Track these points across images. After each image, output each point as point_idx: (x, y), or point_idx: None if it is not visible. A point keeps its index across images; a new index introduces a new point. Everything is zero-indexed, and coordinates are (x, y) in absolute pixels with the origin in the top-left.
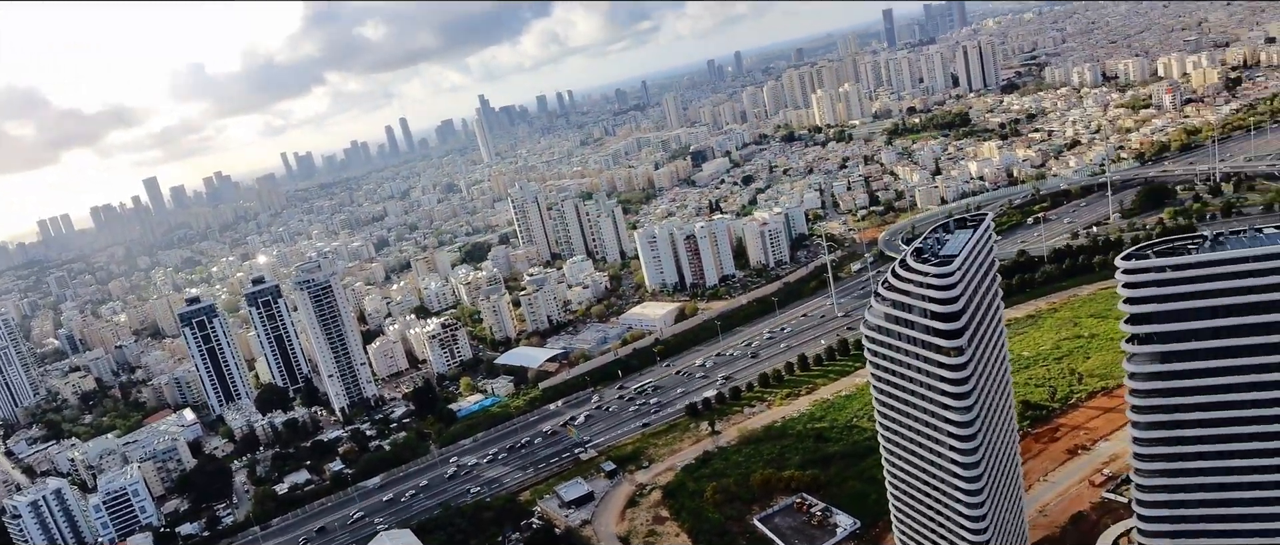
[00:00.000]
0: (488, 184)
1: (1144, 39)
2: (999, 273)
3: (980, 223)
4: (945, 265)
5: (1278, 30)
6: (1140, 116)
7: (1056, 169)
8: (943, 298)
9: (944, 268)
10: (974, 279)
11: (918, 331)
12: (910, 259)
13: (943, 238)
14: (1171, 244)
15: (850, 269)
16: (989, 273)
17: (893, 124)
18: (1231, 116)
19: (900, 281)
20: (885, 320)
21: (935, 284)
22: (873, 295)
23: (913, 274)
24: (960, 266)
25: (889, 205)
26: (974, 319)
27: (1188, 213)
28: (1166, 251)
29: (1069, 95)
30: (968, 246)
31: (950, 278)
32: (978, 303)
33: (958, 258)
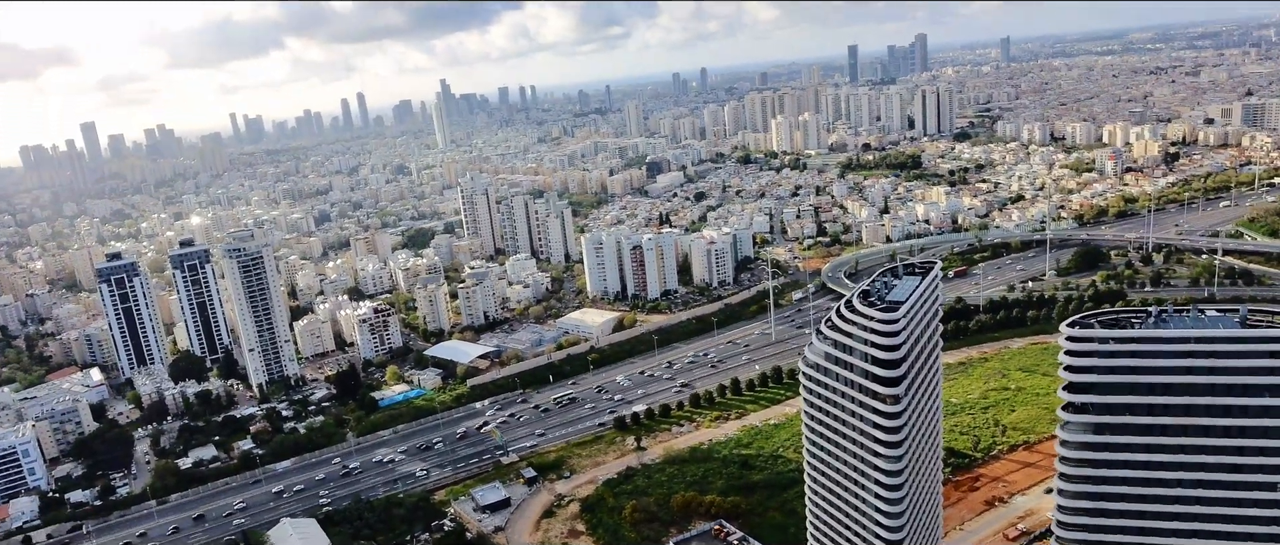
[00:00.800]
0: (440, 170)
1: (1092, 105)
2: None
3: (929, 271)
4: (891, 311)
5: (1216, 112)
6: (1082, 179)
7: (999, 220)
8: (885, 344)
9: (889, 315)
10: (917, 328)
11: (856, 375)
12: (856, 301)
13: (890, 282)
14: (1116, 316)
15: (791, 297)
16: (932, 323)
17: (847, 158)
18: (1167, 189)
19: (844, 322)
20: (824, 359)
21: (879, 330)
22: (814, 331)
23: (857, 317)
24: (906, 315)
25: (836, 238)
26: (913, 368)
27: (1119, 277)
28: (1111, 323)
29: (1018, 150)
30: (915, 294)
31: (895, 325)
32: (918, 352)
33: (904, 305)
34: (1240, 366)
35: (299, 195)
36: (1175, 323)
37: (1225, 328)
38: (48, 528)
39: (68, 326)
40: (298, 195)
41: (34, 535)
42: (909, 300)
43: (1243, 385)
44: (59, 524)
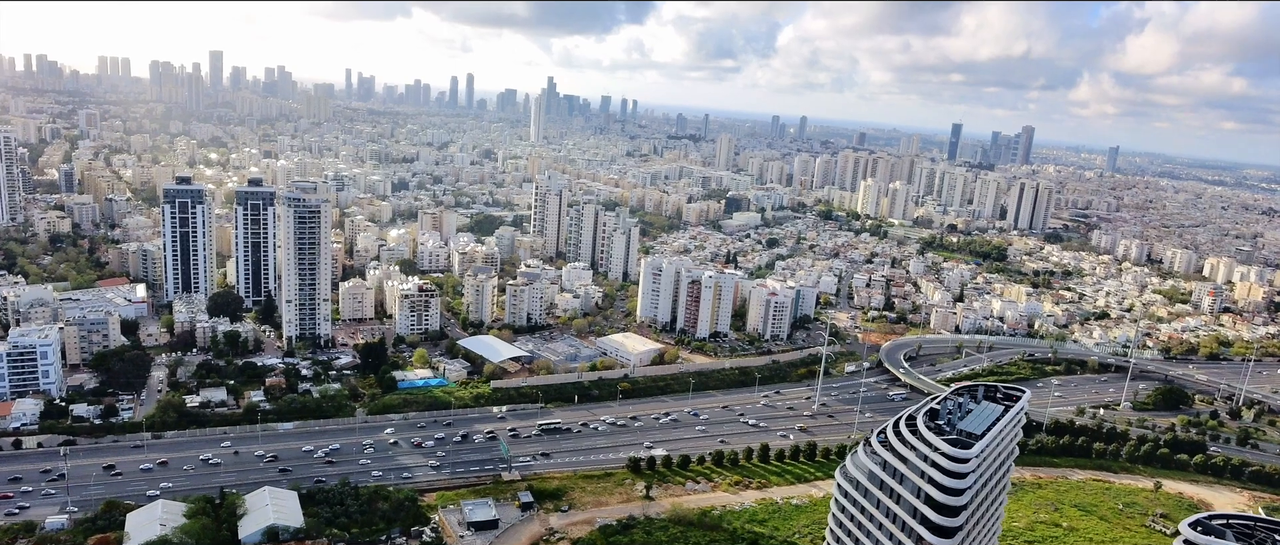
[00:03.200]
0: (525, 162)
1: (1196, 234)
2: None
3: (1015, 402)
4: (963, 448)
5: None
6: (1175, 310)
7: (1079, 335)
8: (949, 485)
9: (961, 453)
10: (989, 470)
11: (903, 509)
12: (921, 421)
13: (966, 405)
14: (1251, 526)
15: (844, 367)
16: (1006, 464)
17: (930, 235)
18: (1267, 340)
19: (902, 443)
20: (869, 478)
21: (945, 467)
22: (862, 443)
23: (920, 443)
24: (980, 456)
25: (902, 315)
26: (974, 517)
27: (1202, 425)
28: (1245, 534)
29: (1110, 264)
30: (995, 431)
31: (965, 466)
32: (984, 498)
33: (980, 443)
34: None
35: (385, 158)
36: None
37: None
38: (42, 435)
39: (132, 237)
40: (384, 158)
41: (25, 440)
42: (987, 437)
43: None
44: (54, 434)
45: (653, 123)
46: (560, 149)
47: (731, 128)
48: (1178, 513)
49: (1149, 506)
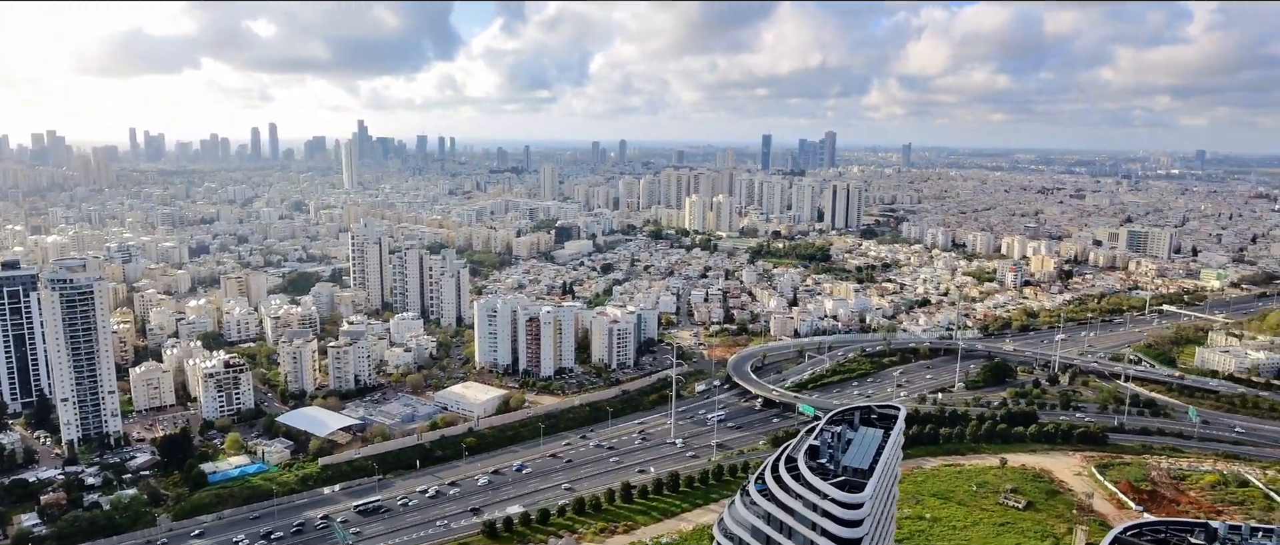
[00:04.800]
0: (340, 211)
1: (989, 216)
2: None
3: (893, 422)
4: (854, 490)
5: (1103, 235)
6: (984, 289)
7: (906, 324)
8: (845, 536)
9: (853, 498)
10: (881, 508)
11: None
12: (804, 464)
13: (845, 436)
14: (1170, 531)
15: (694, 388)
16: (892, 491)
17: (758, 243)
18: (1064, 307)
19: (786, 493)
20: (752, 535)
21: (838, 516)
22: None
23: (806, 491)
24: (873, 495)
25: (743, 326)
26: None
27: (1029, 396)
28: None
29: (922, 253)
30: (882, 462)
31: (859, 512)
32: (878, 534)
33: (871, 483)
34: None
35: (181, 222)
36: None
37: None
38: None
39: None
40: (179, 222)
41: None
42: (876, 472)
43: None
44: None
45: (473, 159)
46: (377, 194)
47: (553, 157)
48: (1025, 485)
49: (999, 483)
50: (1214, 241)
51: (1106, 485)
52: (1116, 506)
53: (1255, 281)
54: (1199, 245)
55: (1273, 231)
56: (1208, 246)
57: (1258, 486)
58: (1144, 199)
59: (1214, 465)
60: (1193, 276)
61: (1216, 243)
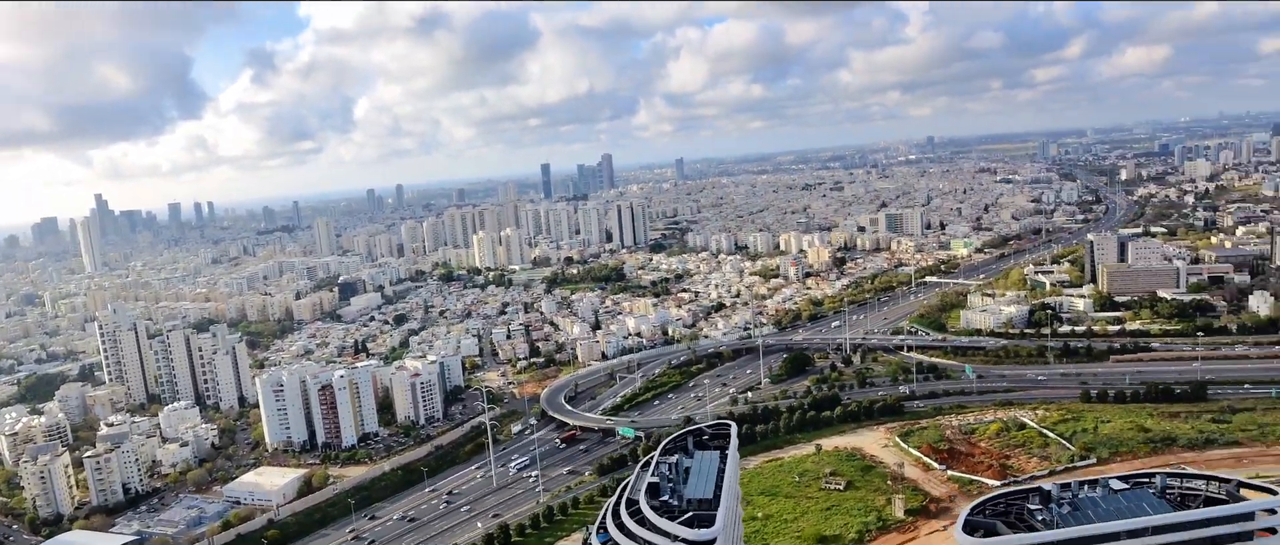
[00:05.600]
0: (83, 299)
1: (764, 217)
2: None
3: (727, 441)
4: (704, 525)
5: (866, 221)
6: (772, 285)
7: (707, 330)
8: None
9: (704, 534)
10: (730, 531)
11: None
12: (646, 505)
13: (682, 466)
14: (1008, 503)
15: (510, 429)
16: (737, 512)
17: (552, 272)
18: (844, 292)
19: (633, 541)
20: None
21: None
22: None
23: (656, 535)
24: (723, 524)
25: (550, 358)
26: None
27: (829, 381)
28: (1013, 517)
29: (709, 260)
30: (725, 489)
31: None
32: None
33: (719, 516)
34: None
35: None
36: (1089, 506)
37: (1154, 509)
38: None
39: None
40: None
41: None
42: (722, 503)
43: None
44: None
45: (236, 222)
46: (128, 274)
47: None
48: (841, 466)
49: (818, 469)
50: (956, 215)
51: (911, 451)
52: (923, 469)
53: (994, 245)
54: (944, 219)
55: (1000, 200)
56: (951, 220)
57: (1033, 427)
58: (893, 184)
59: (995, 414)
60: (944, 248)
61: (958, 215)
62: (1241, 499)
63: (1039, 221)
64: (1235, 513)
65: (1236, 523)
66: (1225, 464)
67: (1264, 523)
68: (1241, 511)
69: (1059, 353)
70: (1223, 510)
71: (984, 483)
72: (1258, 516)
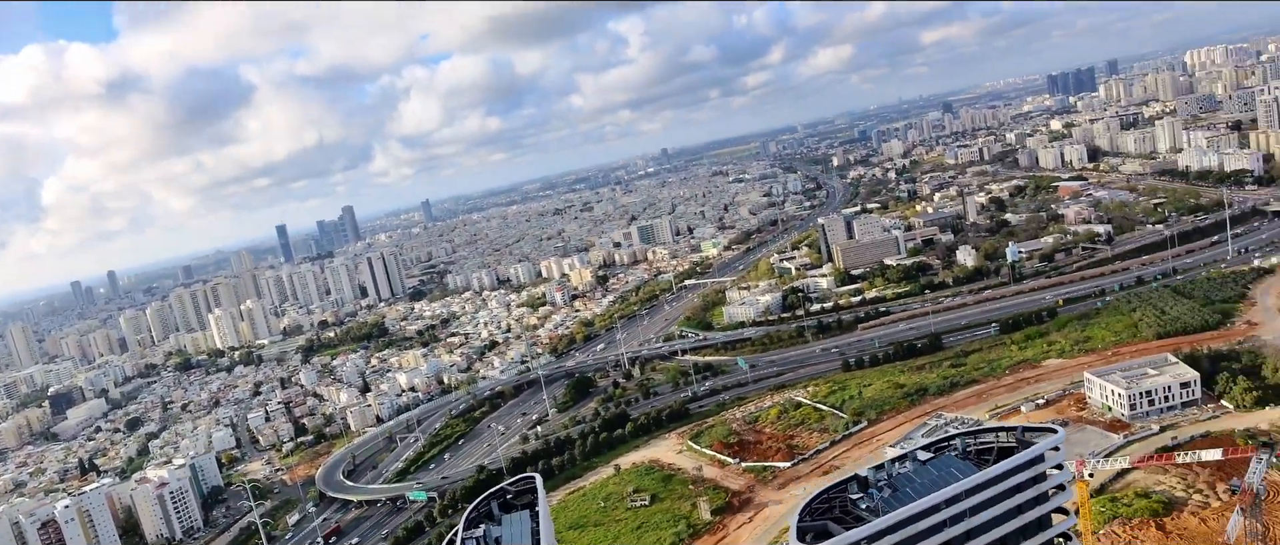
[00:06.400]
0: None
1: (521, 247)
2: None
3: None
4: None
5: (620, 236)
6: (541, 314)
7: (483, 371)
8: None
9: None
10: None
11: None
12: None
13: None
14: (830, 501)
15: (286, 522)
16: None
17: (307, 339)
18: (612, 308)
19: None
20: None
21: None
22: None
23: None
24: None
25: (320, 434)
26: None
27: (614, 399)
28: (840, 513)
29: (474, 299)
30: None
31: None
32: None
33: None
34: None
35: None
36: (905, 484)
37: (962, 473)
38: None
39: None
40: None
41: None
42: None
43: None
44: None
45: None
46: None
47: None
48: (643, 481)
49: (621, 490)
50: (701, 218)
51: (705, 452)
52: (719, 467)
53: (739, 241)
54: (691, 224)
55: (736, 198)
56: (697, 223)
57: (808, 404)
58: (638, 198)
59: (773, 399)
60: (696, 250)
61: (702, 218)
62: (1030, 443)
63: (774, 213)
64: (1029, 458)
65: (1032, 466)
66: (970, 402)
67: (1052, 460)
68: (1034, 455)
69: (815, 330)
70: (1019, 459)
71: (777, 467)
72: (1047, 456)
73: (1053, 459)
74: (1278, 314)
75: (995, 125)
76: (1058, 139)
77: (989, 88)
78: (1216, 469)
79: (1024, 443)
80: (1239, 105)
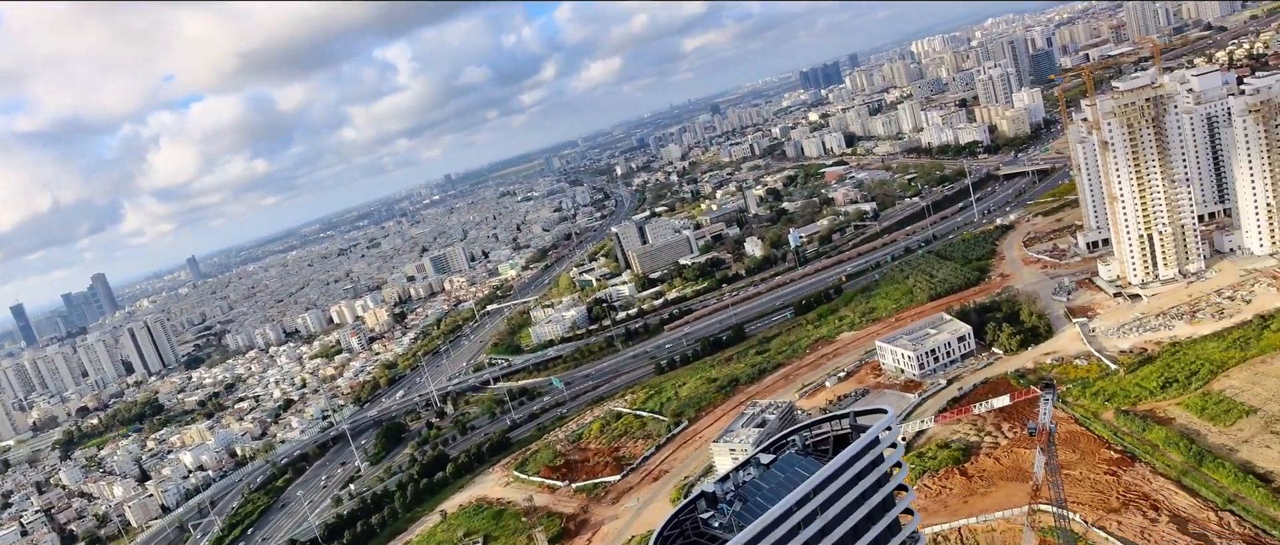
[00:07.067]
0: None
1: (308, 294)
2: None
3: None
4: None
5: (413, 270)
6: (338, 363)
7: (281, 434)
8: None
9: None
10: None
11: None
12: None
13: None
14: (681, 522)
15: None
16: None
17: (63, 432)
18: (416, 346)
19: None
20: None
21: None
22: None
23: None
24: None
25: (93, 537)
26: None
27: (429, 441)
28: (695, 535)
29: (260, 358)
30: None
31: None
32: None
33: None
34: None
35: None
36: (754, 492)
37: (806, 471)
38: None
39: None
40: None
41: None
42: None
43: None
44: None
45: None
46: None
47: None
48: (473, 523)
49: (451, 537)
50: (494, 240)
51: (533, 480)
52: (550, 493)
53: (536, 259)
54: (485, 247)
55: (528, 217)
56: (492, 246)
57: (628, 412)
58: (427, 228)
59: (593, 413)
60: (494, 274)
61: (496, 241)
62: (864, 428)
63: (567, 227)
64: (867, 443)
65: (871, 450)
66: (779, 385)
67: (887, 440)
68: (870, 439)
69: (624, 338)
70: (858, 446)
71: (608, 482)
72: (881, 437)
73: (888, 438)
74: (1023, 265)
75: (760, 121)
76: (817, 129)
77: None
78: (1001, 410)
79: (858, 428)
80: (962, 85)
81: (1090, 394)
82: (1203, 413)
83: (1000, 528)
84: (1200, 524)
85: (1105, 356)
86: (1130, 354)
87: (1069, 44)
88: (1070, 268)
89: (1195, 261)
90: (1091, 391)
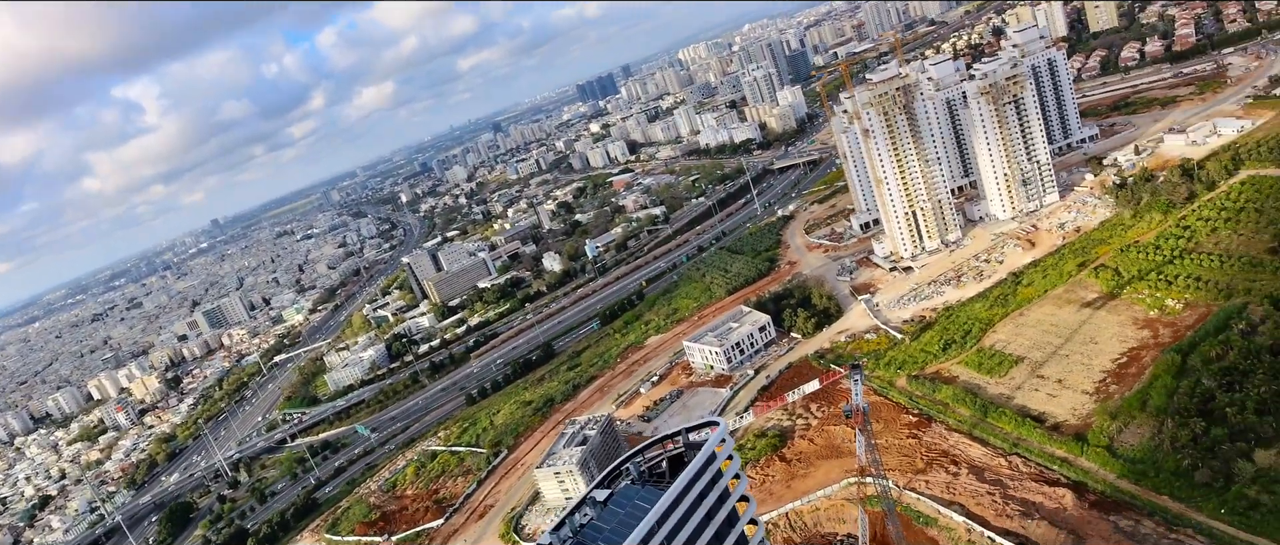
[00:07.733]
0: None
1: (58, 370)
2: None
3: None
4: None
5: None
6: (104, 445)
7: (39, 539)
8: None
9: None
10: None
11: None
12: None
13: None
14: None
15: None
16: None
17: None
18: (195, 412)
19: None
20: None
21: None
22: None
23: None
24: None
25: None
26: None
27: (223, 517)
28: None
29: (3, 453)
30: None
31: None
32: None
33: None
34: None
35: None
36: (594, 535)
37: (648, 501)
38: None
39: None
40: None
41: None
42: None
43: None
44: None
45: None
46: None
47: None
48: None
49: None
50: (274, 285)
51: (347, 541)
52: None
53: (324, 300)
54: (266, 294)
55: (310, 256)
56: (273, 291)
57: (443, 450)
58: (196, 280)
59: (406, 456)
60: (279, 322)
61: (277, 285)
62: (698, 444)
63: (354, 262)
64: (703, 461)
65: (708, 468)
66: (594, 398)
67: (723, 454)
68: (706, 456)
69: (429, 372)
70: (695, 466)
71: (431, 528)
72: (717, 452)
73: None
74: (807, 251)
75: (544, 136)
76: (600, 139)
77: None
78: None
79: (692, 445)
80: (730, 88)
81: (884, 364)
82: (980, 367)
83: (824, 506)
84: (994, 471)
85: (891, 328)
86: (912, 322)
87: (819, 43)
88: (849, 249)
89: (954, 231)
90: (884, 361)
